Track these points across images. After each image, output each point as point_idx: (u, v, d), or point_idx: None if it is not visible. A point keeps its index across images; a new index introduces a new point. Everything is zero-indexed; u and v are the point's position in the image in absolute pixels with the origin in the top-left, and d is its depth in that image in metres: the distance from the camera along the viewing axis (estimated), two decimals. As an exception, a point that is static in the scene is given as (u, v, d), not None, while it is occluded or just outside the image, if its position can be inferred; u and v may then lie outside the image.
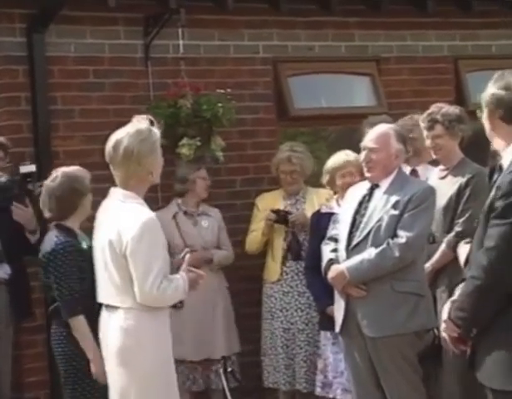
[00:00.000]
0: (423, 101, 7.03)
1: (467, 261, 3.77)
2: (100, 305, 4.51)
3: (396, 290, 5.20)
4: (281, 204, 6.68)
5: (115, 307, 4.37)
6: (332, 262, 5.36)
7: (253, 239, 6.70)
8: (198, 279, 4.45)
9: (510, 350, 3.42)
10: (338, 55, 7.61)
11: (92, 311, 4.66)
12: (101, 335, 4.52)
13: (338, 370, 5.90)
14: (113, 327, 4.37)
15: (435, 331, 5.27)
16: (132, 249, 4.26)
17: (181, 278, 4.38)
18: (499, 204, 3.47)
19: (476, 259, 3.53)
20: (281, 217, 6.54)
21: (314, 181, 6.68)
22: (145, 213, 4.33)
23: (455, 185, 5.59)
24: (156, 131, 4.41)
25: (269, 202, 6.71)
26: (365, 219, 5.28)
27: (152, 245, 4.26)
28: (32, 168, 5.98)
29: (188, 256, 4.50)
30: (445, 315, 3.66)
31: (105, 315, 4.47)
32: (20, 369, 6.39)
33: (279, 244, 6.60)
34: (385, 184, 5.34)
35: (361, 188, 5.46)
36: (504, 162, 3.61)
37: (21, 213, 5.84)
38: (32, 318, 6.30)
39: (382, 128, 5.52)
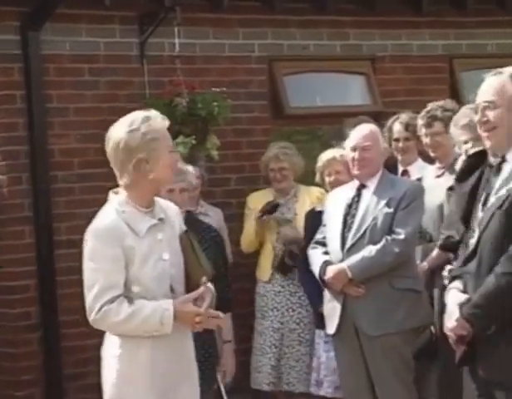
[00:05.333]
0: (417, 100, 7.04)
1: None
2: None
3: (395, 287, 5.24)
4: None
5: None
6: (327, 263, 5.36)
7: (247, 239, 6.69)
8: (196, 317, 3.65)
9: None
10: (333, 54, 7.62)
11: None
12: None
13: (330, 368, 5.90)
14: None
15: (432, 329, 5.29)
16: (83, 264, 3.73)
17: (158, 306, 3.62)
18: None
19: (508, 255, 3.54)
20: (269, 209, 6.51)
21: (310, 181, 6.68)
22: (98, 219, 3.70)
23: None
24: (157, 122, 3.74)
25: (260, 201, 6.68)
26: (358, 219, 5.31)
27: (95, 259, 3.63)
28: None
29: (202, 289, 3.71)
30: (456, 314, 3.65)
31: None
32: (14, 367, 6.39)
33: (271, 243, 6.59)
34: (372, 183, 5.39)
35: (345, 190, 5.48)
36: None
37: None
38: (26, 317, 6.31)
39: (370, 127, 5.57)
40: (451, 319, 3.67)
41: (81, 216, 6.58)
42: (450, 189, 4.34)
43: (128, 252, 3.63)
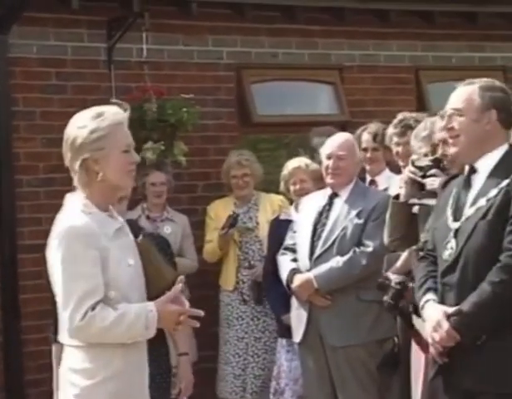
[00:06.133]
0: (384, 110, 7.09)
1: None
2: None
3: (361, 299, 5.24)
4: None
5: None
6: (294, 271, 5.35)
7: (210, 251, 6.65)
8: (180, 316, 3.44)
9: None
10: (302, 62, 7.64)
11: None
12: None
13: (292, 377, 5.89)
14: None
15: (395, 339, 5.31)
16: (51, 267, 3.39)
17: (142, 308, 3.37)
18: None
19: (502, 264, 3.53)
20: (231, 223, 6.48)
21: (274, 189, 6.69)
22: (68, 220, 3.37)
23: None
24: (108, 119, 3.44)
25: (221, 209, 6.67)
26: (327, 229, 5.30)
27: (74, 262, 3.29)
28: None
29: (180, 286, 3.49)
30: (444, 325, 3.60)
31: None
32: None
33: (234, 252, 6.58)
34: (345, 193, 5.37)
35: (317, 198, 5.47)
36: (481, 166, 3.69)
37: None
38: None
39: (345, 136, 5.56)
40: (440, 331, 3.60)
41: (46, 221, 6.51)
42: (396, 198, 4.35)
43: (103, 253, 3.34)
